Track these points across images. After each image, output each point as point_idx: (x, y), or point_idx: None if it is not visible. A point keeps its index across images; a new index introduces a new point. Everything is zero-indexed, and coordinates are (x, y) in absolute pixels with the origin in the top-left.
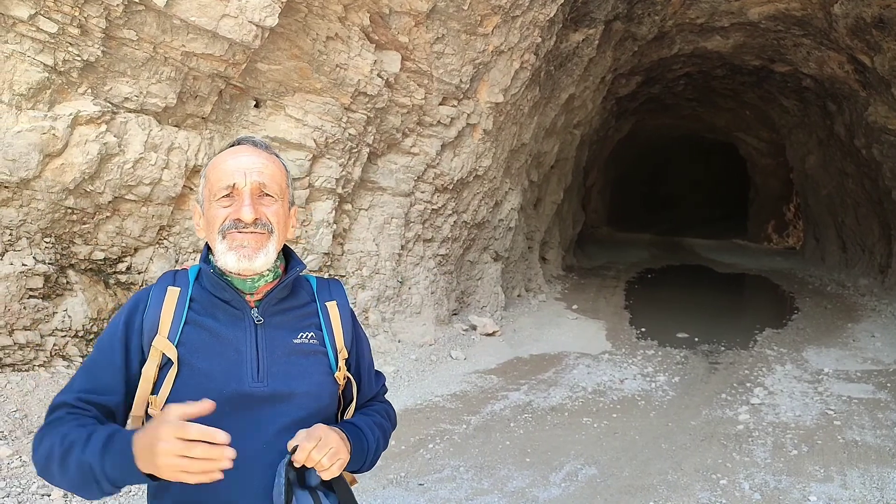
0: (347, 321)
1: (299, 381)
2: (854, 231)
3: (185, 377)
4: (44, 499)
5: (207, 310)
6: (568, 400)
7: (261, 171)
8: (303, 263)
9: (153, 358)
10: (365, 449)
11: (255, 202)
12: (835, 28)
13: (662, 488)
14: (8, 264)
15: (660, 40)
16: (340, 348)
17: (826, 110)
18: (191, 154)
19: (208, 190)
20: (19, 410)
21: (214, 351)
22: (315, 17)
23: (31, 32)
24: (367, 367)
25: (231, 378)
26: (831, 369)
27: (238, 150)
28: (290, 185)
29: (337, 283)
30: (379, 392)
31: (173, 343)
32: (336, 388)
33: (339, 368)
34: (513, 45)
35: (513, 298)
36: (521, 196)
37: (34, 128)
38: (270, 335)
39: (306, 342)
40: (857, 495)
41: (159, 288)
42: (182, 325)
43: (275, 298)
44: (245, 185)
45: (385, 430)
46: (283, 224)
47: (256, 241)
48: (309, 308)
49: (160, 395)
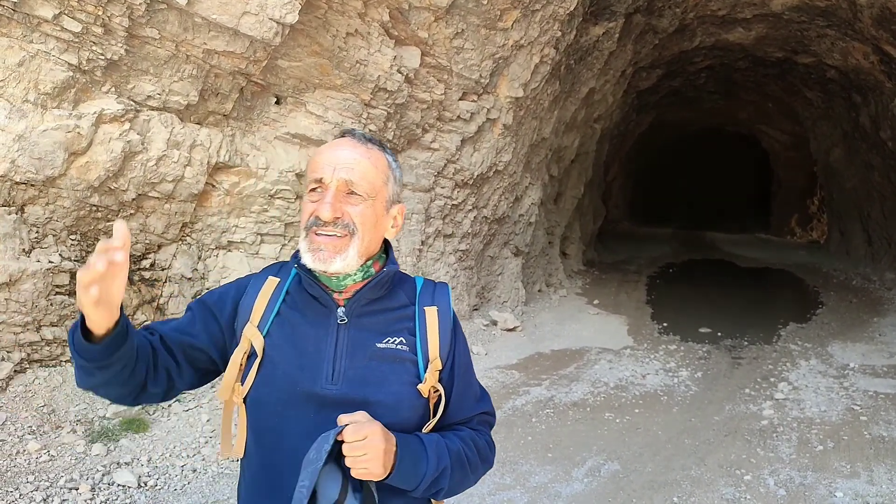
0: (447, 329)
1: (375, 389)
2: (880, 224)
3: (267, 370)
4: (71, 492)
5: (298, 304)
6: (590, 395)
7: (351, 167)
8: (397, 264)
9: (242, 345)
10: (421, 472)
11: (338, 200)
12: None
13: (686, 484)
14: (35, 261)
15: (681, 33)
16: (433, 358)
17: (851, 102)
18: (212, 151)
19: (306, 181)
20: (47, 406)
21: (296, 346)
22: (335, 14)
23: (55, 32)
24: (462, 385)
25: (306, 376)
26: (857, 364)
27: (337, 143)
28: (395, 182)
29: (444, 286)
30: (474, 417)
31: (262, 333)
32: (419, 401)
33: (426, 380)
34: (532, 39)
35: (533, 293)
36: (541, 191)
37: (59, 126)
38: (353, 336)
39: (392, 347)
40: (884, 491)
41: (260, 276)
42: (273, 317)
43: (364, 298)
44: (331, 180)
45: (463, 461)
46: (370, 225)
47: (334, 245)
48: (405, 311)
49: (245, 384)
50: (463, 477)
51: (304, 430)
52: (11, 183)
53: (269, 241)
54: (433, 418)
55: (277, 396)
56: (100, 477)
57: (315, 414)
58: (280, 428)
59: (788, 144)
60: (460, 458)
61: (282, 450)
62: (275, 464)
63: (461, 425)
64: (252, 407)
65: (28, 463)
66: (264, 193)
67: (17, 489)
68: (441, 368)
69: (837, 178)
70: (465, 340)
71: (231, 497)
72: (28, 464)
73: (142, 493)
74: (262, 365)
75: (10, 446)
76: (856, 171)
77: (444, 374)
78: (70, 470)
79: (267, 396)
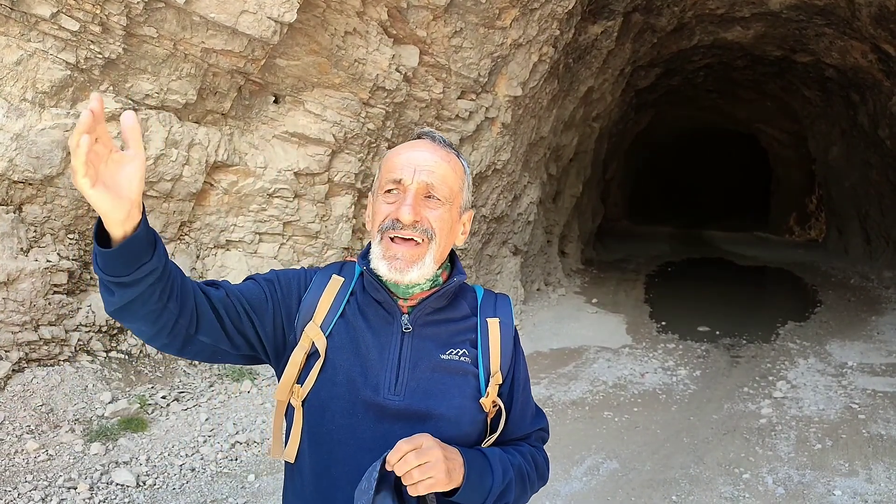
0: (508, 343)
1: (438, 401)
2: (878, 223)
3: (328, 372)
4: (70, 492)
5: (362, 307)
6: (588, 394)
7: (432, 170)
8: (464, 273)
9: (303, 344)
10: (488, 485)
11: (418, 203)
12: (858, 17)
13: (684, 482)
14: (33, 260)
15: (679, 32)
16: (495, 371)
17: (849, 100)
18: (211, 150)
19: (379, 181)
20: (45, 405)
21: (359, 352)
22: (333, 12)
23: (53, 31)
24: (521, 399)
25: (368, 384)
26: (855, 363)
27: (415, 145)
28: (468, 188)
29: (505, 298)
30: (531, 434)
31: (325, 334)
32: (480, 416)
33: (487, 394)
34: (531, 38)
35: (532, 292)
36: (540, 189)
37: (57, 125)
38: (417, 346)
39: (456, 359)
40: (882, 489)
41: (324, 273)
42: (336, 318)
43: (429, 307)
44: (412, 182)
45: (524, 476)
46: (446, 230)
47: (412, 253)
48: (467, 322)
49: (304, 385)
50: (522, 492)
51: (363, 442)
52: (9, 182)
53: (268, 241)
54: (494, 433)
55: (338, 402)
56: (98, 476)
57: (375, 424)
58: (338, 436)
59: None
60: (521, 473)
61: (337, 460)
62: (329, 473)
63: (519, 441)
64: (311, 411)
65: (26, 462)
66: (263, 192)
67: (16, 488)
68: (501, 383)
69: (836, 176)
70: (523, 352)
71: (230, 496)
72: (26, 463)
73: (140, 492)
74: (324, 368)
75: (9, 446)
76: (854, 169)
77: (504, 388)
78: (68, 469)
79: (328, 401)
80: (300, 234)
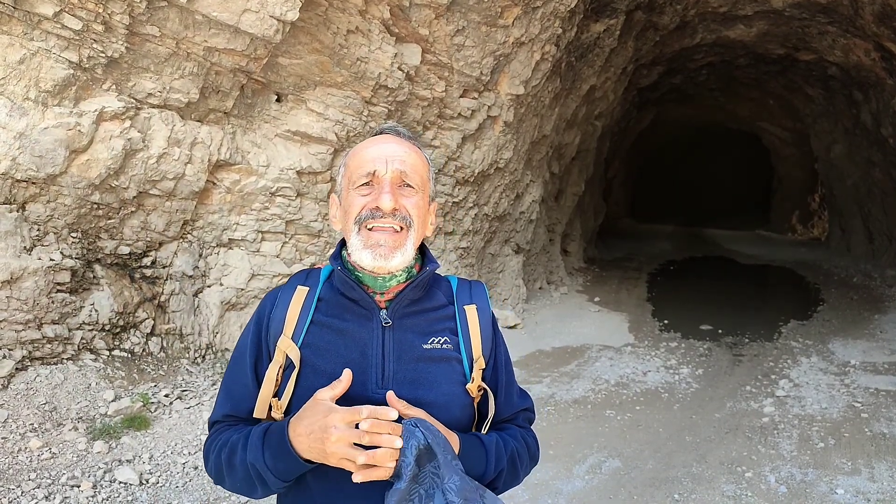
0: (487, 328)
1: (426, 390)
2: (881, 221)
3: (308, 379)
4: (73, 490)
5: (335, 310)
6: (591, 392)
7: (403, 159)
8: (437, 262)
9: (276, 360)
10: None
11: (395, 191)
12: (861, 15)
13: (687, 481)
14: (36, 259)
15: (681, 30)
16: (477, 357)
17: (852, 99)
18: (213, 149)
19: (347, 178)
20: (48, 403)
21: (339, 353)
22: (335, 11)
23: (56, 29)
24: (505, 381)
25: (355, 382)
26: (858, 361)
27: (381, 139)
28: (432, 179)
29: (479, 285)
30: (518, 415)
31: (297, 344)
32: (468, 400)
33: (472, 379)
34: (533, 36)
35: (534, 291)
36: (542, 188)
37: (60, 124)
38: (399, 338)
39: (438, 347)
40: (885, 488)
41: (289, 287)
42: (307, 325)
43: (406, 299)
44: (386, 172)
45: (515, 458)
46: (422, 217)
47: (393, 239)
48: (445, 311)
49: (283, 398)
50: (514, 477)
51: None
52: (13, 181)
53: (270, 239)
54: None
55: None
56: (101, 474)
57: None
58: None
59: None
60: (513, 458)
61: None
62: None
63: (507, 423)
64: None
65: (30, 461)
66: (265, 191)
67: (19, 486)
68: (484, 367)
69: (838, 174)
70: (502, 335)
71: (232, 494)
72: (30, 461)
73: (143, 490)
74: (303, 375)
75: (12, 444)
76: (857, 167)
77: (488, 372)
78: (72, 467)
79: None
80: (302, 233)
